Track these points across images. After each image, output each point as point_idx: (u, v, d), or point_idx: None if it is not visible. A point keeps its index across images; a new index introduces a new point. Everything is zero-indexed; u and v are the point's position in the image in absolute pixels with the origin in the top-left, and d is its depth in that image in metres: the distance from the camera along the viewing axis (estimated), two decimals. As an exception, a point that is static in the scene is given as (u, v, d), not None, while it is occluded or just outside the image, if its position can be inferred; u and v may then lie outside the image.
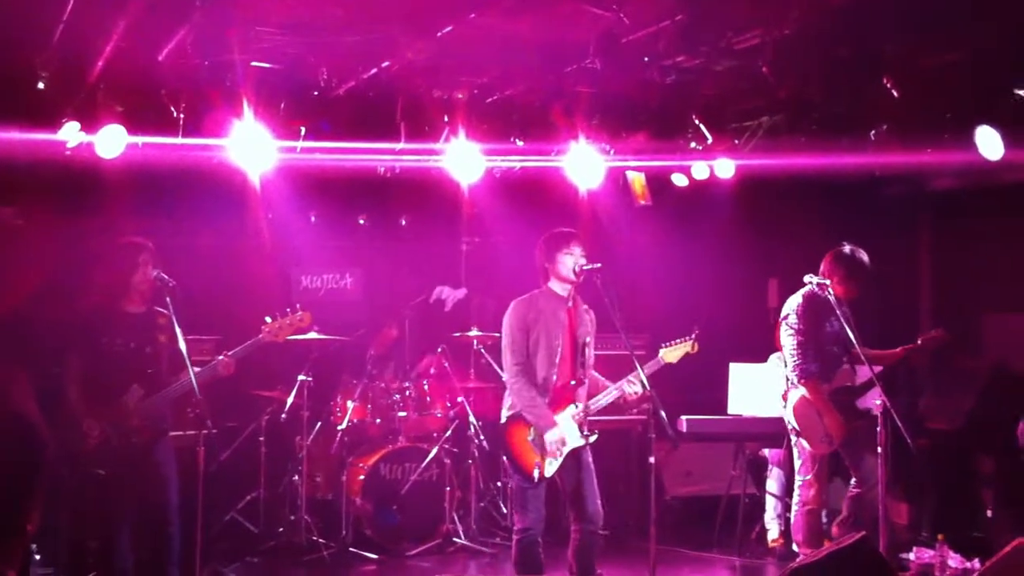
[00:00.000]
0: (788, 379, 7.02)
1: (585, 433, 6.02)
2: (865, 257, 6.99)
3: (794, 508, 7.10)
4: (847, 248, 7.01)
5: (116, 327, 6.00)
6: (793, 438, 7.05)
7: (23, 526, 2.27)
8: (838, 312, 6.72)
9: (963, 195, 9.18)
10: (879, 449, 6.45)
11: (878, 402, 6.50)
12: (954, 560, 7.18)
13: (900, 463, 7.42)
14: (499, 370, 8.21)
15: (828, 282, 6.80)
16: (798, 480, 7.07)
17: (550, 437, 5.95)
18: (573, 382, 6.08)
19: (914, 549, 7.62)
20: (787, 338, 6.98)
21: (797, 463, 7.07)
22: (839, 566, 4.50)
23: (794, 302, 7.03)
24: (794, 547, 7.20)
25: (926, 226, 10.12)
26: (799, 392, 6.92)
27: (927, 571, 7.14)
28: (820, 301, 6.88)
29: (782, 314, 7.09)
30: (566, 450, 5.98)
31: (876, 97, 7.20)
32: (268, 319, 6.22)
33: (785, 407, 7.02)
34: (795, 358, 6.91)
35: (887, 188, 9.44)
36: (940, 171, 8.72)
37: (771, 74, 6.85)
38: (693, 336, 6.24)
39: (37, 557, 6.89)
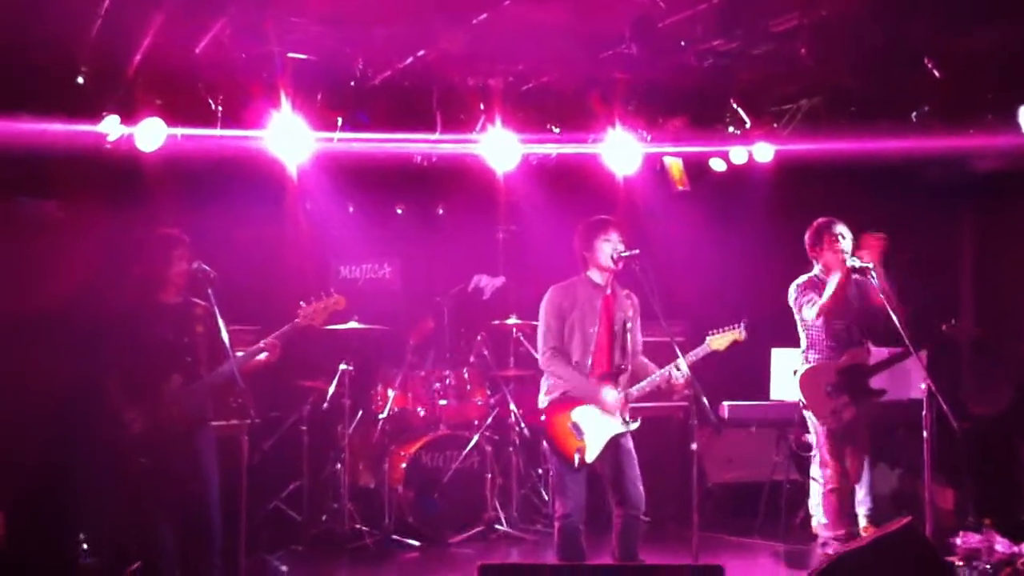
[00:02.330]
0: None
1: (627, 419, 6.01)
2: (837, 227, 7.03)
3: (818, 489, 7.12)
4: (816, 223, 7.14)
5: (153, 319, 6.04)
6: (807, 415, 7.09)
7: None
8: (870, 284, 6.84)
9: (1006, 177, 9.05)
10: (925, 432, 6.41)
11: (923, 386, 6.46)
12: (1001, 544, 7.11)
13: (944, 448, 7.36)
14: (538, 357, 8.23)
15: (858, 262, 6.80)
16: (820, 461, 7.10)
17: (608, 397, 5.95)
18: (617, 368, 6.05)
19: (960, 534, 7.55)
20: (796, 317, 7.14)
21: (813, 442, 7.13)
22: (886, 551, 4.47)
23: (794, 283, 7.17)
24: (822, 530, 7.15)
25: (968, 209, 9.99)
26: (804, 367, 7.03)
27: (974, 556, 7.07)
28: (820, 281, 7.04)
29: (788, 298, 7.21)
30: (610, 433, 5.96)
31: (917, 79, 7.13)
32: (303, 303, 6.24)
33: (794, 384, 7.11)
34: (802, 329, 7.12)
35: (928, 171, 9.33)
36: (983, 153, 8.60)
37: (809, 57, 6.79)
38: (742, 324, 6.14)
39: (84, 547, 6.97)
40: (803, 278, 7.16)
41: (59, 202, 7.47)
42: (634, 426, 6.05)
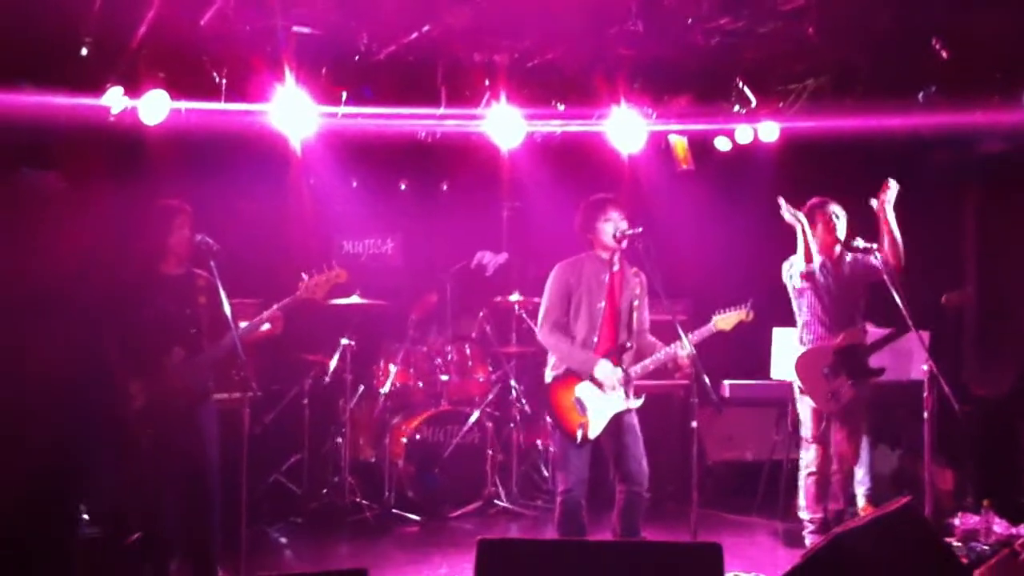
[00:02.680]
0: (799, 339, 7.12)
1: (629, 397, 6.01)
2: (831, 206, 7.10)
3: (800, 472, 7.11)
4: (809, 203, 7.14)
5: (155, 290, 6.04)
6: (797, 397, 7.07)
7: None
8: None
9: (1012, 159, 9.02)
10: (925, 413, 6.43)
11: (925, 367, 6.46)
12: (1000, 525, 7.13)
13: (945, 429, 7.38)
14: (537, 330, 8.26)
15: (862, 242, 6.78)
16: (803, 443, 7.10)
17: (601, 373, 5.94)
18: (622, 345, 6.05)
19: (959, 514, 7.57)
20: (791, 294, 7.13)
21: (801, 425, 7.11)
22: (884, 531, 4.48)
23: (788, 262, 7.12)
24: (799, 513, 7.17)
25: (973, 191, 9.96)
26: (801, 349, 6.99)
27: (972, 536, 7.09)
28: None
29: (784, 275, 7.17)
30: (614, 410, 5.97)
31: (923, 59, 7.09)
32: (304, 275, 6.22)
33: (790, 366, 7.07)
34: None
35: (934, 152, 9.30)
36: (988, 134, 8.57)
37: (816, 36, 6.76)
38: (748, 304, 6.12)
39: (85, 517, 7.00)
40: (793, 258, 7.11)
41: (62, 174, 7.46)
42: (636, 404, 6.06)
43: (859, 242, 6.81)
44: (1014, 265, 9.34)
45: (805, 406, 7.01)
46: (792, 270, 7.05)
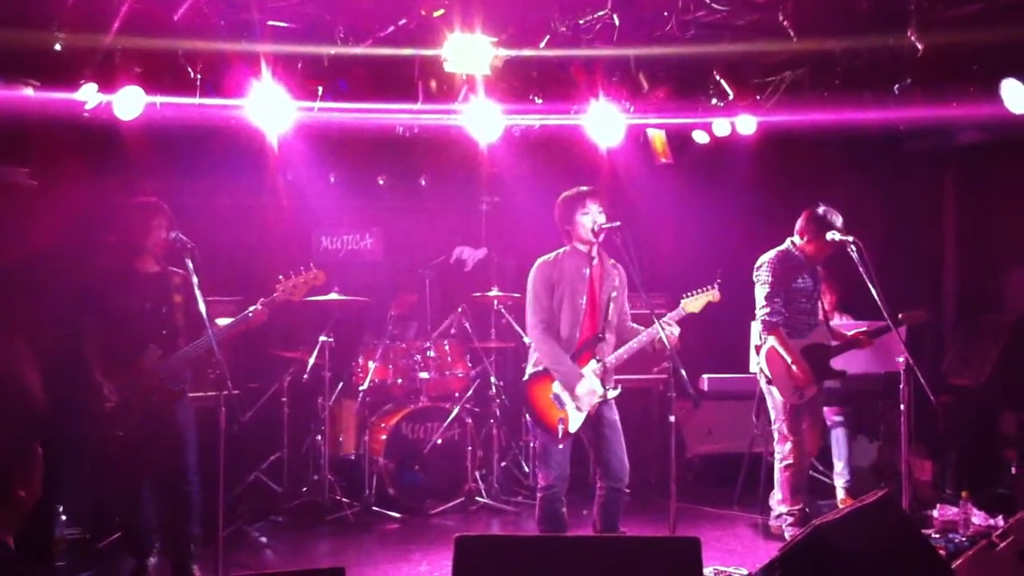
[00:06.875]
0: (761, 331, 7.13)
1: (607, 387, 6.00)
2: (838, 221, 7.02)
3: (776, 465, 7.13)
4: (820, 209, 7.08)
5: (130, 288, 6.01)
6: (764, 386, 7.14)
7: (13, 493, 2.21)
8: (809, 272, 7.03)
9: (988, 149, 9.06)
10: (902, 405, 6.43)
11: (901, 359, 6.48)
12: (978, 517, 7.17)
13: (923, 421, 7.41)
14: (519, 330, 8.24)
15: (838, 235, 6.79)
16: (774, 435, 7.16)
17: (581, 389, 5.93)
18: (597, 336, 6.04)
19: (938, 506, 7.61)
20: (758, 288, 7.10)
21: (772, 416, 7.16)
22: (863, 523, 4.48)
23: (767, 256, 7.14)
24: (777, 505, 7.18)
25: (951, 180, 10.00)
26: (771, 341, 7.00)
27: (951, 528, 7.13)
28: (794, 258, 7.07)
29: (755, 266, 7.16)
30: (592, 402, 5.96)
31: (900, 50, 7.10)
32: (281, 277, 6.20)
33: (759, 357, 7.12)
34: (764, 308, 7.02)
35: (912, 143, 9.33)
36: (965, 125, 8.60)
37: (793, 28, 6.76)
38: (716, 285, 6.17)
39: (63, 518, 6.95)
40: (772, 254, 7.13)
41: (35, 170, 7.40)
42: (613, 394, 6.04)
43: (834, 235, 6.82)
44: (992, 252, 9.39)
45: (777, 399, 7.04)
46: (768, 279, 7.02)
